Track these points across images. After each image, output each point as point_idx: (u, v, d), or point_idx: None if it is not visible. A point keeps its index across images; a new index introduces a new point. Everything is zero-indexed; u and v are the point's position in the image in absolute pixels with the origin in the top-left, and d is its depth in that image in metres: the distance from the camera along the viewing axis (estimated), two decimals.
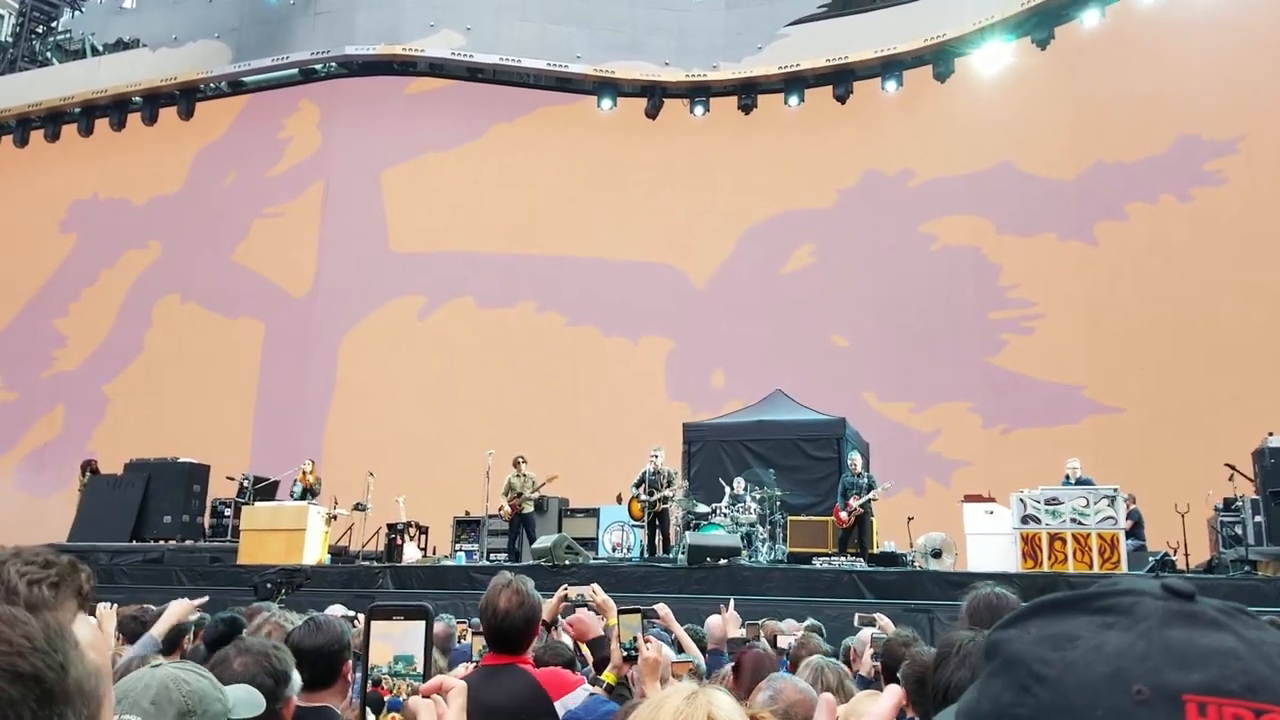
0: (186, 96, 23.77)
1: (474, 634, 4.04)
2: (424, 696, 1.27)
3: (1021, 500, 11.29)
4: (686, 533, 12.32)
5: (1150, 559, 11.40)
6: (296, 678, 2.47)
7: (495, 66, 21.79)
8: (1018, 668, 0.55)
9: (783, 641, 5.65)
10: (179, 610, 4.33)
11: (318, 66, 23.11)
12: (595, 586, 3.95)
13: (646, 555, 12.94)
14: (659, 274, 20.26)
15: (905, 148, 19.50)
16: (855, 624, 6.16)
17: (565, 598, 4.38)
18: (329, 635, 2.74)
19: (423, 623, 1.36)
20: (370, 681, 1.34)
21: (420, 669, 1.34)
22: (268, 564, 12.06)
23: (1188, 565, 12.32)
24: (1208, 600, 0.57)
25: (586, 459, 15.46)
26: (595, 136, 21.28)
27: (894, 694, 1.41)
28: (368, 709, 1.33)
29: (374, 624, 1.37)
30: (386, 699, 1.32)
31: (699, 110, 20.89)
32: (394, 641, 1.35)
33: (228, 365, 21.82)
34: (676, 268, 20.33)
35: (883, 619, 5.61)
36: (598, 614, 3.81)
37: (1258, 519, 11.76)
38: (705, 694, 1.46)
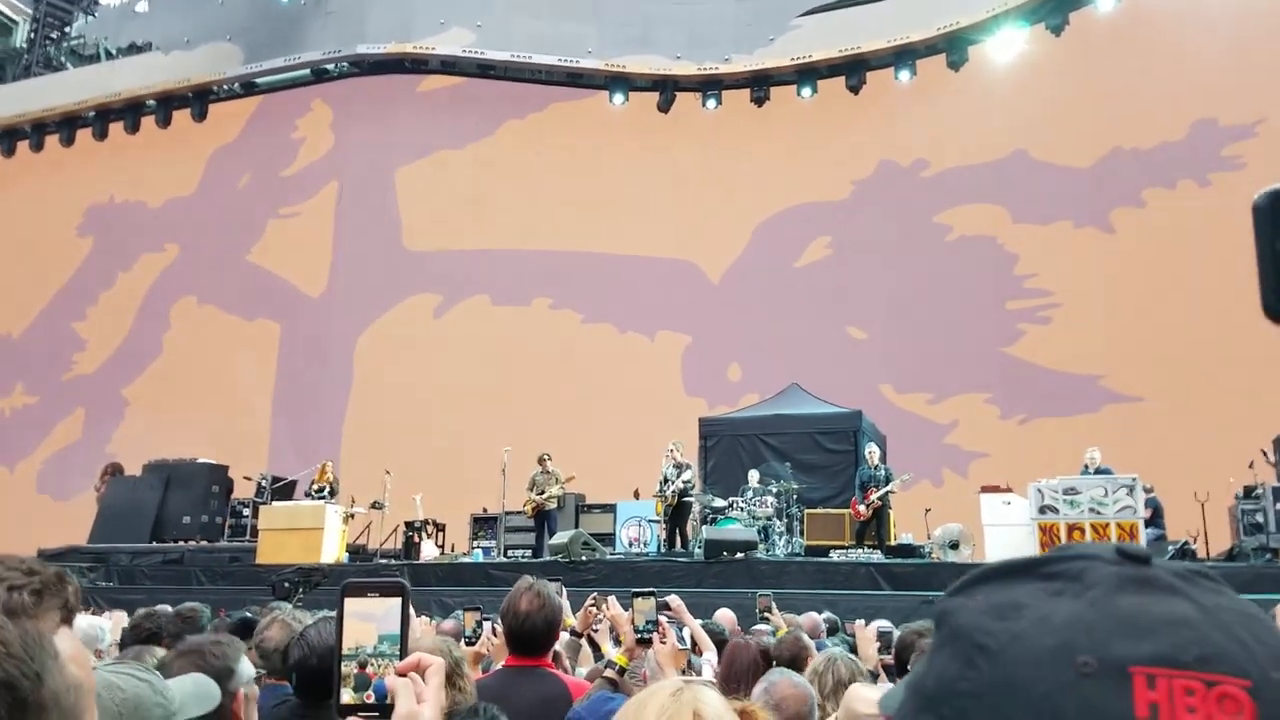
0: (200, 99, 23.86)
1: (465, 643, 3.84)
2: (401, 675, 1.25)
3: (1039, 491, 11.19)
4: (703, 527, 12.29)
5: (1170, 548, 11.28)
6: (245, 668, 2.38)
7: (506, 63, 21.73)
8: (962, 639, 0.53)
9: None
10: None
11: (329, 66, 23.15)
12: (611, 600, 3.92)
13: (665, 550, 12.91)
14: (674, 269, 20.19)
15: (919, 137, 19.33)
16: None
17: (595, 605, 4.35)
18: (323, 653, 2.70)
19: (399, 599, 1.32)
20: (357, 664, 1.29)
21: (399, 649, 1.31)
22: (286, 563, 12.10)
23: (1208, 554, 12.19)
24: (1164, 563, 0.53)
25: (603, 455, 15.41)
26: (608, 132, 21.20)
27: None
28: (347, 689, 1.29)
29: (350, 601, 1.32)
30: (373, 681, 1.28)
31: (711, 104, 20.72)
32: (377, 621, 1.31)
33: (245, 366, 21.93)
34: (691, 262, 20.25)
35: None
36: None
37: (1279, 506, 11.65)
38: (691, 690, 1.44)
